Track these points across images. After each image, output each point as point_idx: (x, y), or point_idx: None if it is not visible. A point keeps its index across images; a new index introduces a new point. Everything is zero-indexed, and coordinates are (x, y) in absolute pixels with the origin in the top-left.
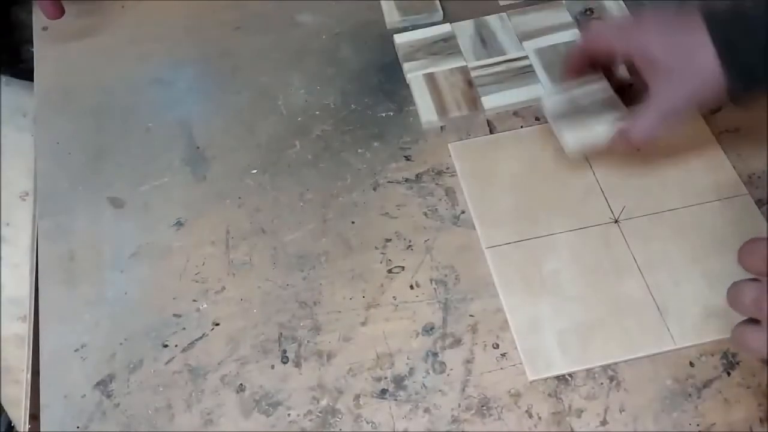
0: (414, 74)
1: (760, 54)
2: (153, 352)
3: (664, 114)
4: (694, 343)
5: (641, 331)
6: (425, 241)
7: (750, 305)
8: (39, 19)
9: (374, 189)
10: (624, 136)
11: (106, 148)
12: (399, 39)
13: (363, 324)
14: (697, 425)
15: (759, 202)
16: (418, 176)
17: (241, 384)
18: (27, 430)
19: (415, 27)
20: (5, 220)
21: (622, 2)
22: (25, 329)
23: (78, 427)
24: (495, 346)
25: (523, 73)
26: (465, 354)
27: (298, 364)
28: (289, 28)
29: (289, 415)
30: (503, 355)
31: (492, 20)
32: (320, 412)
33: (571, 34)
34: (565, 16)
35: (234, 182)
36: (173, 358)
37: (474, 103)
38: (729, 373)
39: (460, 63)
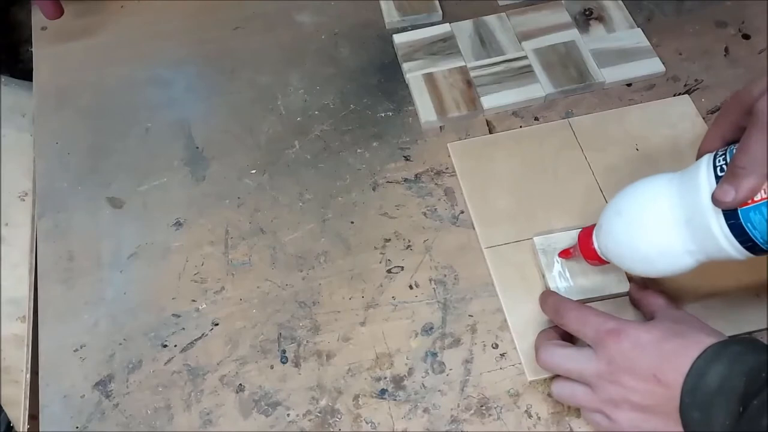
0: (413, 74)
1: None
2: (152, 352)
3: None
4: None
5: None
6: (424, 241)
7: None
8: (38, 18)
9: (373, 189)
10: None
11: (106, 148)
12: (398, 39)
13: (362, 324)
14: None
15: None
16: (417, 176)
17: (241, 384)
18: (26, 430)
19: (414, 27)
20: (4, 220)
21: (621, 2)
22: (24, 329)
23: (77, 427)
24: (494, 346)
25: (522, 73)
26: (464, 354)
27: (297, 364)
28: (289, 28)
29: (288, 415)
30: (502, 355)
31: (491, 20)
32: (319, 412)
33: (569, 35)
34: (564, 16)
35: (233, 182)
36: (172, 358)
37: (473, 102)
38: None
39: (459, 63)
